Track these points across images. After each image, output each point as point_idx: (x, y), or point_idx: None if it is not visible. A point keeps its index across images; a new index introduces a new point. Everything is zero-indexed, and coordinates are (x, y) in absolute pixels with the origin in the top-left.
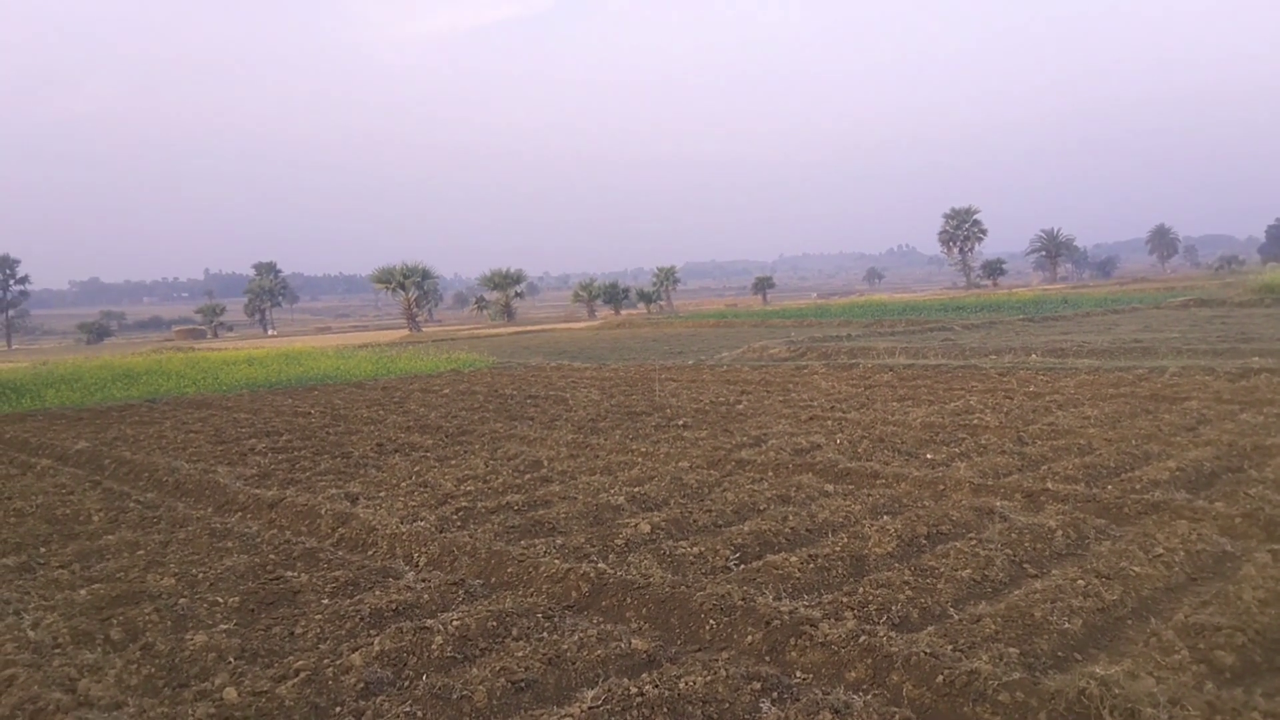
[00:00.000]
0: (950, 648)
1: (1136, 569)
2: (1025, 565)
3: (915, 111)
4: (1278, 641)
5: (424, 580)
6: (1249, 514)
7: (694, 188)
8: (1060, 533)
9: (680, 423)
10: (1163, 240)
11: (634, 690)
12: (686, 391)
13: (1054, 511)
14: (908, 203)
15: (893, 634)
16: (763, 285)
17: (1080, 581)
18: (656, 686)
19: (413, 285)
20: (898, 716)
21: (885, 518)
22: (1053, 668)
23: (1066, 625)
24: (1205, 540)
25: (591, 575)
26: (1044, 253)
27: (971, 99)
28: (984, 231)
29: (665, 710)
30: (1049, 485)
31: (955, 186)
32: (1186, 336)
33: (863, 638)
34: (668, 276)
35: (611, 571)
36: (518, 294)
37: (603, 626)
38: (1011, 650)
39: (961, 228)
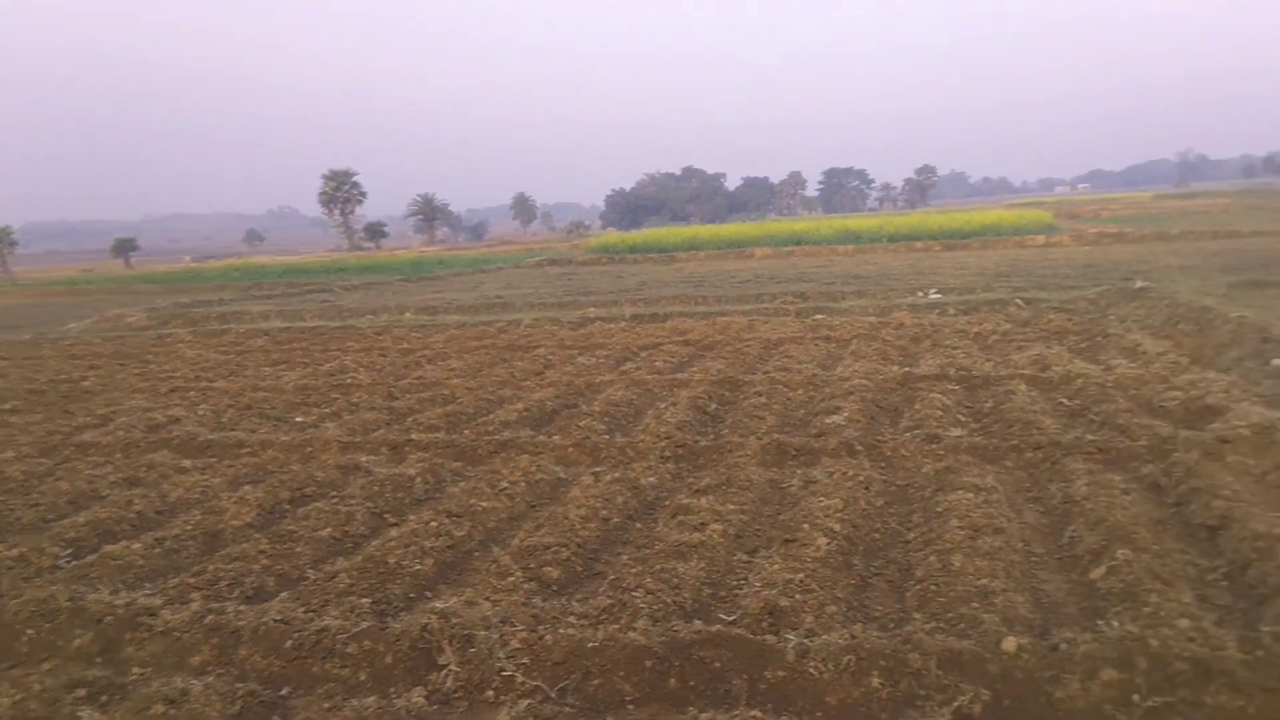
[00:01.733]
0: (303, 610)
1: (484, 504)
2: (386, 515)
3: (295, 63)
4: (596, 550)
5: None
6: (579, 443)
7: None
8: (420, 480)
9: (7, 406)
10: (524, 207)
11: None
12: (18, 371)
13: (415, 460)
14: (289, 162)
15: (243, 608)
16: (124, 248)
17: (434, 523)
18: None
19: None
20: (242, 691)
21: (246, 487)
22: (403, 610)
23: (418, 567)
24: (544, 470)
25: None
26: (422, 216)
27: (359, 59)
28: (364, 194)
29: None
30: (413, 436)
31: (335, 147)
32: (540, 292)
33: (209, 617)
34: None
35: None
36: None
37: None
38: (364, 601)
39: (341, 190)
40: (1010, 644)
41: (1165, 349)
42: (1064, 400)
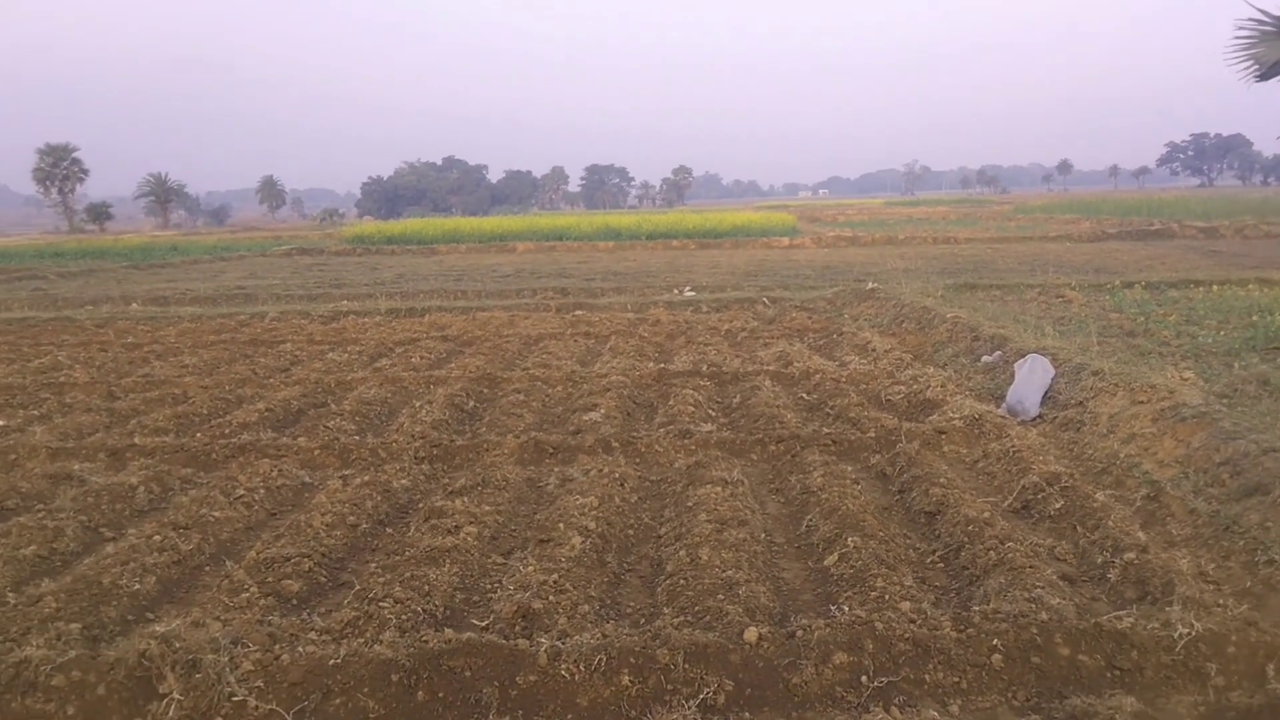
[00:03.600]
0: (1, 639)
1: (217, 514)
2: (102, 529)
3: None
4: (343, 560)
5: None
6: (326, 445)
7: None
8: (143, 489)
9: None
10: (271, 191)
11: None
12: None
13: (138, 467)
14: None
15: None
16: None
17: (157, 537)
18: None
19: None
20: None
21: None
22: (119, 635)
23: (138, 586)
24: (286, 475)
25: None
26: (153, 198)
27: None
28: (85, 172)
29: None
30: (137, 440)
31: (54, 119)
32: (288, 283)
33: None
34: None
35: None
36: None
37: None
38: (73, 626)
39: (59, 166)
40: (752, 634)
41: (892, 346)
42: (804, 395)
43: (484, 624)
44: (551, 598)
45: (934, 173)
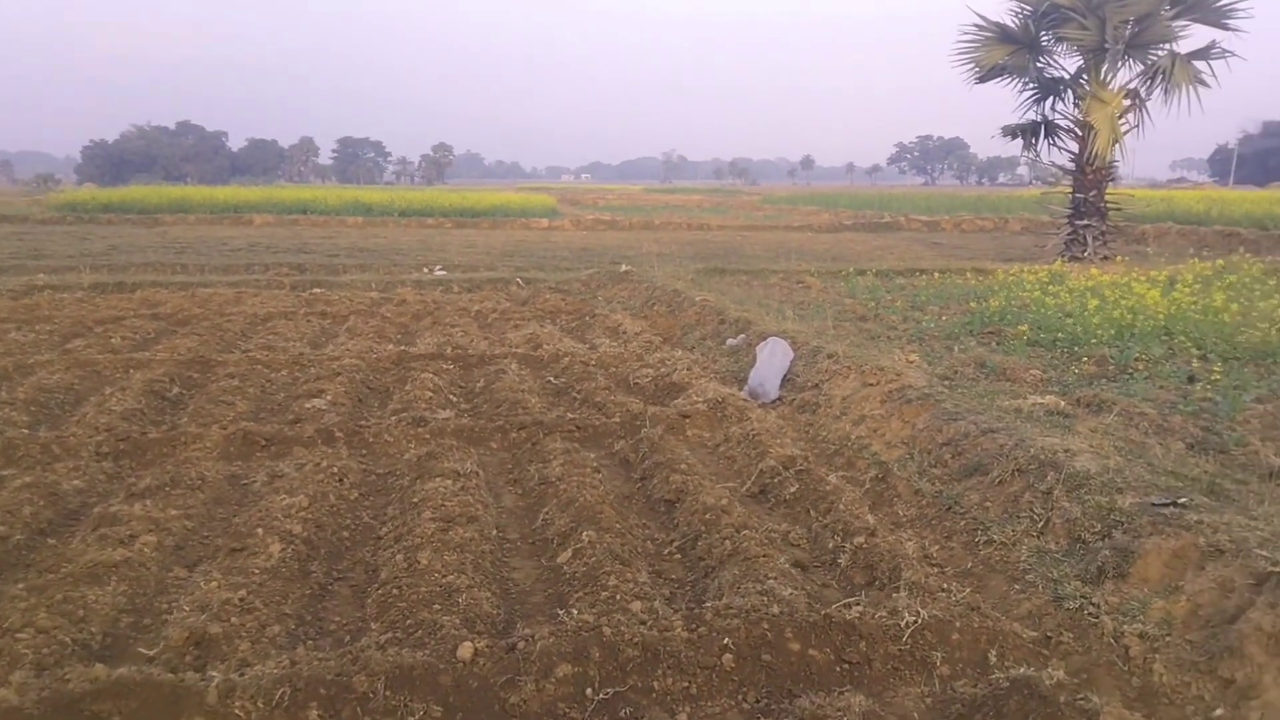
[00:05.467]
0: None
1: None
2: None
3: None
4: None
5: None
6: None
7: None
8: None
9: None
10: None
11: None
12: None
13: None
14: None
15: None
16: None
17: None
18: None
19: None
20: None
21: None
22: None
23: None
24: None
25: None
26: None
27: None
28: None
29: None
30: None
31: None
32: None
33: None
34: None
35: None
36: None
37: None
38: None
39: None
40: (466, 650)
41: (642, 329)
42: (551, 379)
43: (152, 653)
44: (235, 619)
45: (690, 162)
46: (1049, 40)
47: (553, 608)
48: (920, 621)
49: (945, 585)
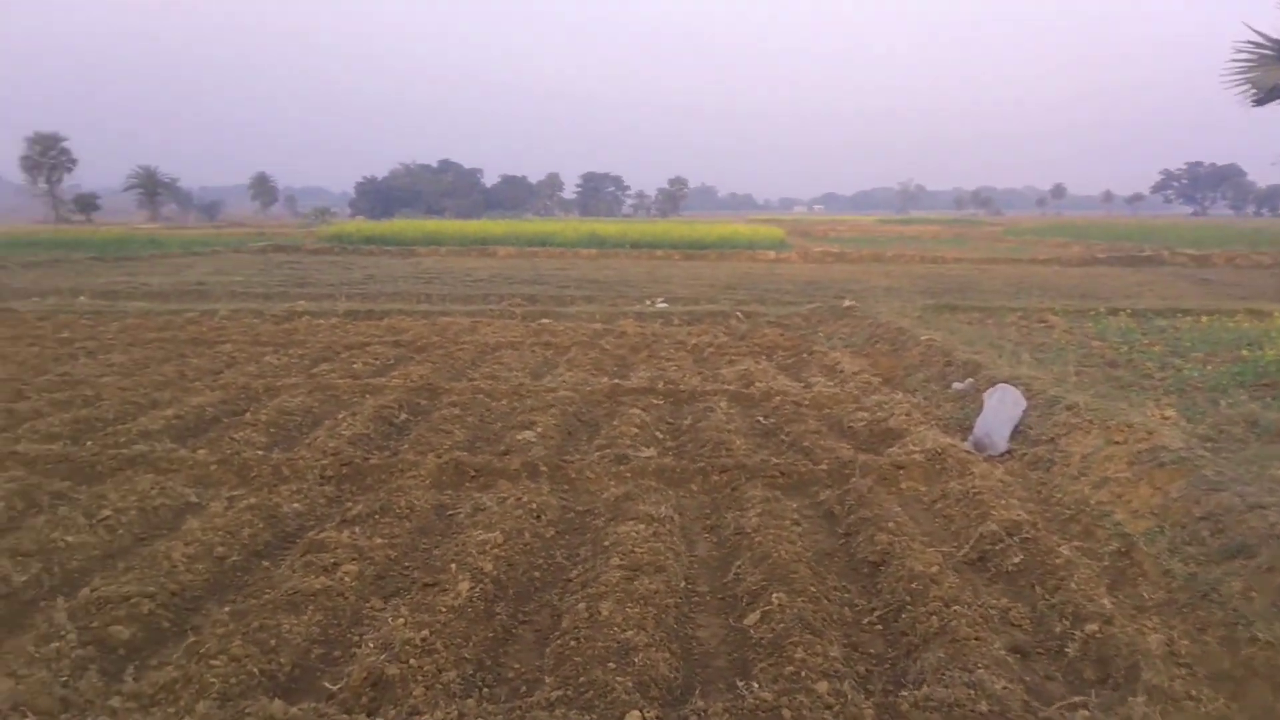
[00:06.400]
0: None
1: (70, 539)
2: None
3: None
4: (198, 600)
5: None
6: (225, 460)
7: None
8: (3, 504)
9: None
10: (263, 187)
11: None
12: None
13: (5, 480)
14: None
15: None
16: None
17: None
18: None
19: None
20: None
21: None
22: None
23: None
24: (169, 494)
25: None
26: (142, 190)
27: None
28: (74, 161)
29: None
30: (20, 447)
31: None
32: (250, 280)
33: None
34: None
35: None
36: None
37: None
38: None
39: (48, 155)
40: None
41: (861, 368)
42: (760, 419)
43: (335, 687)
44: (414, 661)
45: (929, 192)
46: None
47: (733, 676)
48: None
49: (1194, 691)
